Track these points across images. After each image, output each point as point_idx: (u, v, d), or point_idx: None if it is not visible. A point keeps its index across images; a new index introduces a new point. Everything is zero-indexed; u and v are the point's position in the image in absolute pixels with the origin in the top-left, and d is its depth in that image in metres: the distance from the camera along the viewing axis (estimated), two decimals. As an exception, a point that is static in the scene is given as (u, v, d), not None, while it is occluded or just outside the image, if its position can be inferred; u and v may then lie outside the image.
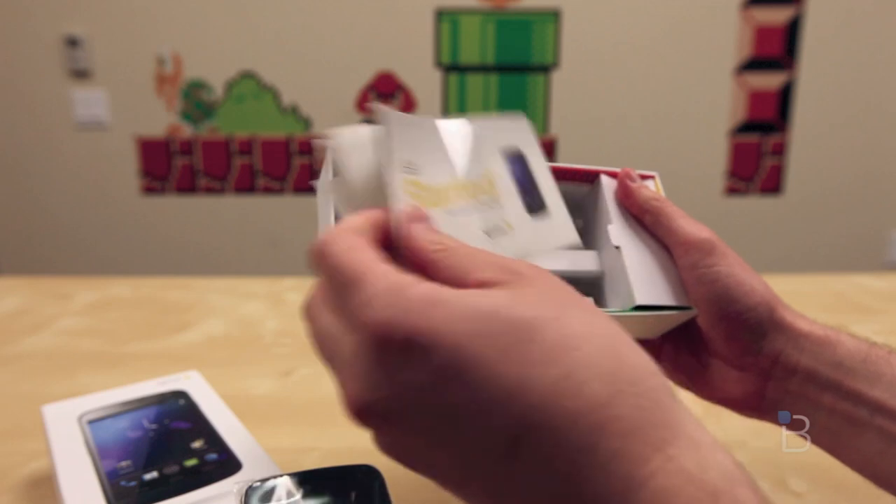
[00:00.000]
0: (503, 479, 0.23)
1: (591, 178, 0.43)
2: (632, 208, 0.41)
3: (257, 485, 0.36)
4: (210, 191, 2.37)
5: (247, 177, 2.36)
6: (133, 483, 0.39)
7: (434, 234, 0.28)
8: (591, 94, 2.31)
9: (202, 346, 0.71)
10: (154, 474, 0.40)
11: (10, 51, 2.24)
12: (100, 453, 0.42)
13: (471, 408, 0.23)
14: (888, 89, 2.32)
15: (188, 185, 2.37)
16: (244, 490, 0.36)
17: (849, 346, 0.36)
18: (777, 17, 2.26)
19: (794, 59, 2.29)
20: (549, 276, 0.26)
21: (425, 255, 0.28)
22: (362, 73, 2.28)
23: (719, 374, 0.40)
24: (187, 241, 2.40)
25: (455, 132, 0.34)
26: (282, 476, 0.37)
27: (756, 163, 2.38)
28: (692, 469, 0.21)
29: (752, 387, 0.38)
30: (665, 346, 0.43)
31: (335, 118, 2.31)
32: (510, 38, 2.27)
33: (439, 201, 0.32)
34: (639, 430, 0.22)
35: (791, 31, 2.27)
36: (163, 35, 2.24)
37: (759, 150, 2.37)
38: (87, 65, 2.24)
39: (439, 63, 2.29)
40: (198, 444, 0.43)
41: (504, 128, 0.37)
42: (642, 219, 0.41)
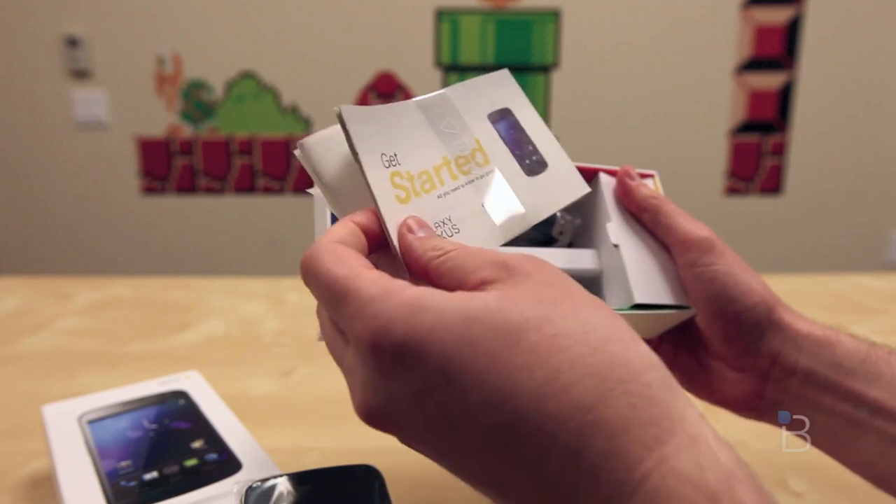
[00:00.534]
0: (503, 482, 0.23)
1: (590, 176, 0.43)
2: (630, 206, 0.41)
3: (257, 485, 0.36)
4: (210, 191, 2.37)
5: (247, 177, 2.36)
6: (133, 483, 0.39)
7: (431, 240, 0.28)
8: (591, 94, 2.31)
9: (202, 346, 0.71)
10: (154, 474, 0.40)
11: (10, 51, 2.24)
12: (100, 453, 0.42)
13: (462, 414, 0.23)
14: (888, 89, 2.32)
15: (188, 185, 2.37)
16: (244, 490, 0.36)
17: (848, 347, 0.36)
18: (777, 17, 2.26)
19: (794, 59, 2.29)
20: (546, 269, 0.26)
21: (425, 263, 0.28)
22: (362, 73, 2.28)
23: (718, 374, 0.39)
24: (187, 241, 2.40)
25: (435, 108, 0.34)
26: (282, 476, 0.37)
27: (756, 163, 2.38)
28: (689, 469, 0.21)
29: (751, 387, 0.38)
30: (663, 347, 0.43)
31: (335, 118, 2.31)
32: (510, 38, 2.27)
33: (430, 186, 0.31)
34: (629, 430, 0.21)
35: (791, 31, 2.27)
36: (163, 35, 2.24)
37: (759, 150, 2.37)
38: (87, 65, 2.24)
39: (439, 63, 2.29)
40: (198, 444, 0.43)
41: (488, 89, 0.36)
42: (641, 217, 0.41)
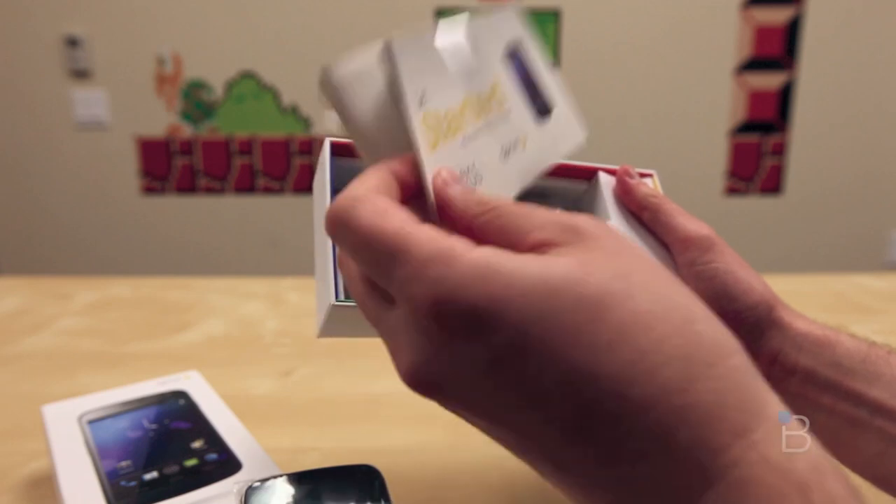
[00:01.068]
0: (567, 461, 0.22)
1: (590, 175, 0.43)
2: (630, 205, 0.41)
3: (257, 485, 0.36)
4: (210, 191, 2.37)
5: (247, 177, 2.36)
6: (133, 483, 0.39)
7: (474, 194, 0.26)
8: (591, 94, 2.31)
9: (202, 346, 0.71)
10: (154, 474, 0.40)
11: (10, 51, 2.24)
12: (100, 453, 0.42)
13: (534, 391, 0.21)
14: (888, 89, 2.32)
15: (188, 185, 2.37)
16: (244, 490, 0.36)
17: (848, 347, 0.36)
18: (777, 17, 2.26)
19: (794, 59, 2.29)
20: (614, 234, 0.24)
21: (472, 220, 0.25)
22: (362, 73, 2.28)
23: None
24: (187, 241, 2.40)
25: (456, 41, 0.32)
26: (282, 476, 0.37)
27: (756, 163, 2.38)
28: (777, 457, 0.20)
29: None
30: None
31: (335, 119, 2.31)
32: (510, 38, 2.27)
33: (455, 128, 0.30)
34: (717, 417, 0.20)
35: (791, 31, 2.27)
36: (163, 35, 2.24)
37: (759, 150, 2.37)
38: (87, 65, 2.24)
39: (439, 63, 2.29)
40: (198, 444, 0.43)
41: (499, 24, 0.35)
42: (640, 215, 0.41)
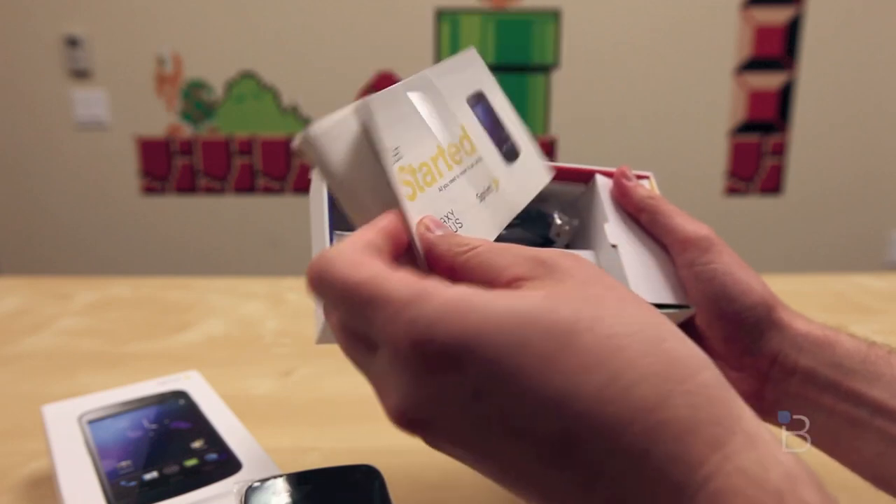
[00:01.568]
0: (552, 486, 0.23)
1: (587, 177, 0.43)
2: (628, 206, 0.41)
3: (257, 485, 0.36)
4: (210, 191, 2.37)
5: (247, 177, 2.36)
6: (133, 483, 0.39)
7: (455, 237, 0.28)
8: (591, 94, 2.31)
9: (202, 346, 0.71)
10: (154, 474, 0.40)
11: (10, 51, 2.24)
12: (100, 453, 0.42)
13: (514, 420, 0.22)
14: (888, 89, 2.32)
15: (188, 185, 2.37)
16: (244, 490, 0.36)
17: (848, 347, 0.36)
18: (777, 17, 2.26)
19: (794, 59, 2.29)
20: (583, 264, 0.25)
21: (452, 260, 0.27)
22: (362, 73, 2.28)
23: None
24: (187, 241, 2.40)
25: (421, 94, 0.33)
26: (282, 476, 0.37)
27: (756, 163, 2.38)
28: (752, 468, 0.21)
29: (751, 388, 0.38)
30: None
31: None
32: (510, 38, 2.27)
33: (431, 177, 0.31)
34: (692, 431, 0.21)
35: (791, 31, 2.27)
36: (163, 35, 2.24)
37: (759, 150, 2.37)
38: (87, 65, 2.24)
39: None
40: (198, 444, 0.43)
41: (460, 71, 0.36)
42: (638, 217, 0.41)
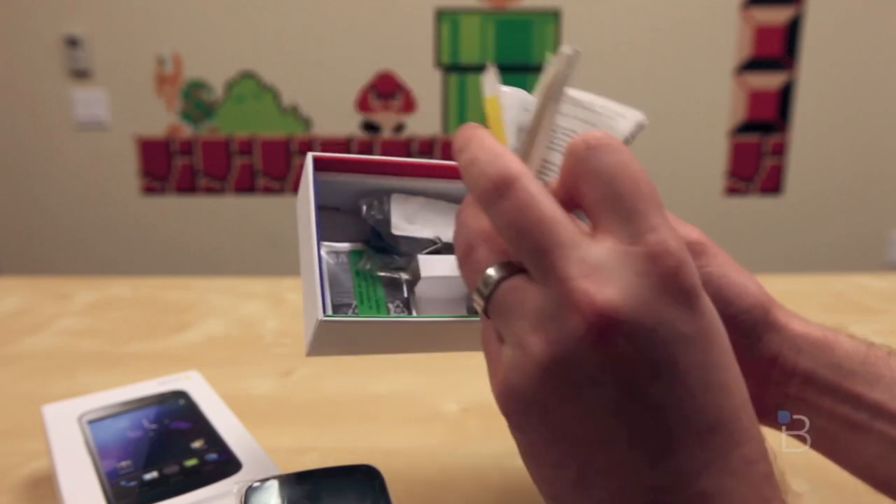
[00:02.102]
0: (614, 473, 0.23)
1: None
2: None
3: (257, 485, 0.36)
4: (210, 191, 2.37)
5: (247, 177, 2.36)
6: (133, 483, 0.39)
7: None
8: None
9: (202, 346, 0.71)
10: (154, 474, 0.40)
11: (10, 51, 2.24)
12: (100, 453, 0.42)
13: (677, 408, 0.23)
14: (888, 89, 2.32)
15: (188, 185, 2.37)
16: (244, 490, 0.36)
17: (847, 348, 0.36)
18: (777, 17, 2.26)
19: (794, 59, 2.29)
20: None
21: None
22: (362, 73, 2.28)
23: None
24: (187, 241, 2.40)
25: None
26: (282, 476, 0.37)
27: (756, 163, 2.38)
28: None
29: (750, 391, 0.37)
30: None
31: (335, 118, 2.31)
32: (510, 39, 2.27)
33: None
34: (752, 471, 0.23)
35: (791, 31, 2.27)
36: (163, 35, 2.24)
37: (759, 150, 2.37)
38: (87, 65, 2.24)
39: (439, 63, 2.29)
40: (198, 444, 0.43)
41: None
42: None
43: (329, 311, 0.34)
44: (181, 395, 0.49)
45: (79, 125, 2.30)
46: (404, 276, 0.38)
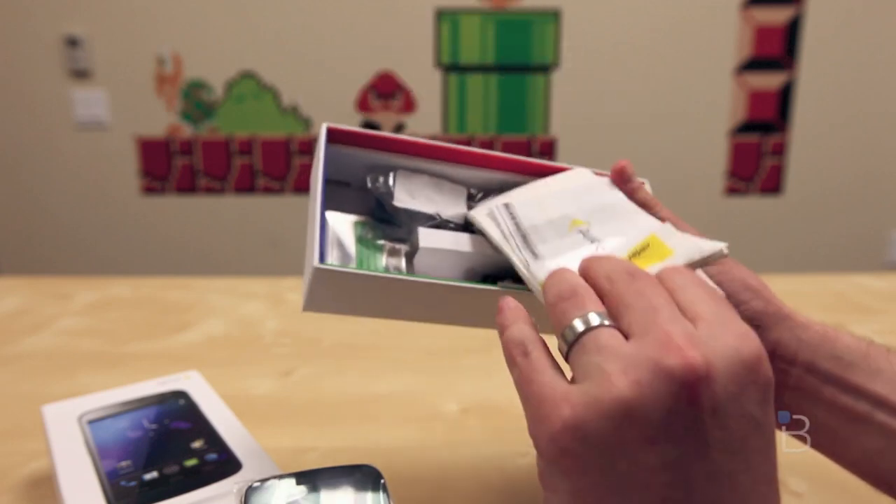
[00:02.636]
0: None
1: None
2: None
3: (257, 485, 0.36)
4: (210, 191, 2.37)
5: (247, 177, 2.36)
6: (133, 483, 0.39)
7: None
8: (591, 94, 2.31)
9: (202, 346, 0.71)
10: (154, 474, 0.40)
11: (10, 51, 2.24)
12: (100, 453, 0.42)
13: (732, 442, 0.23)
14: (888, 89, 2.32)
15: (188, 185, 2.37)
16: (244, 490, 0.36)
17: (848, 342, 0.36)
18: (777, 17, 2.26)
19: (794, 59, 2.29)
20: None
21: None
22: (362, 73, 2.28)
23: None
24: (187, 241, 2.40)
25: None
26: (282, 476, 0.37)
27: (756, 163, 2.38)
28: None
29: None
30: None
31: (335, 118, 2.31)
32: (510, 38, 2.27)
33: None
34: None
35: (791, 31, 2.27)
36: (163, 35, 2.24)
37: (759, 150, 2.37)
38: (87, 65, 2.24)
39: (439, 63, 2.28)
40: (198, 444, 0.43)
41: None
42: None
43: (327, 260, 0.35)
44: (181, 395, 0.49)
45: (79, 125, 2.30)
46: (404, 248, 0.39)
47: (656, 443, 0.23)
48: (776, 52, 2.28)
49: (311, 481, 0.36)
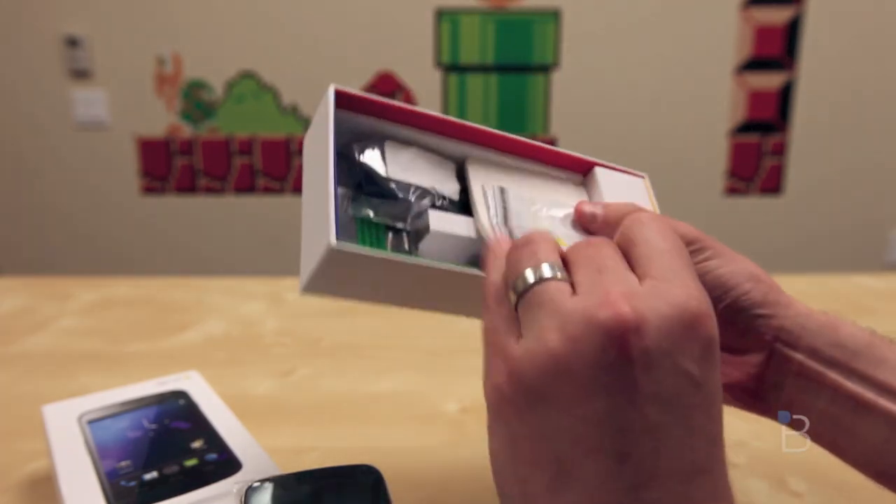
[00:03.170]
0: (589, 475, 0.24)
1: (585, 168, 0.42)
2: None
3: (257, 485, 0.36)
4: (210, 191, 2.37)
5: (247, 177, 2.36)
6: (133, 483, 0.39)
7: None
8: (591, 94, 2.31)
9: (202, 346, 0.71)
10: (154, 474, 0.40)
11: (10, 51, 2.24)
12: (100, 453, 0.42)
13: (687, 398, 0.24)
14: (888, 89, 2.32)
15: (188, 185, 2.37)
16: (244, 490, 0.36)
17: (851, 330, 0.35)
18: (777, 17, 2.26)
19: (794, 59, 2.29)
20: None
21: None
22: (362, 73, 2.28)
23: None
24: (187, 241, 2.40)
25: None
26: (282, 476, 0.37)
27: (756, 163, 2.38)
28: None
29: (753, 369, 0.37)
30: None
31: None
32: (510, 38, 2.27)
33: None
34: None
35: (791, 31, 2.27)
36: (163, 35, 2.24)
37: (759, 150, 2.37)
38: (87, 65, 2.24)
39: (439, 63, 2.28)
40: (198, 444, 0.43)
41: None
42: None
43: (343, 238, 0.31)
44: (181, 395, 0.49)
45: (79, 125, 2.30)
46: (405, 227, 0.36)
47: (588, 395, 0.23)
48: (776, 52, 2.29)
49: (311, 481, 0.36)
